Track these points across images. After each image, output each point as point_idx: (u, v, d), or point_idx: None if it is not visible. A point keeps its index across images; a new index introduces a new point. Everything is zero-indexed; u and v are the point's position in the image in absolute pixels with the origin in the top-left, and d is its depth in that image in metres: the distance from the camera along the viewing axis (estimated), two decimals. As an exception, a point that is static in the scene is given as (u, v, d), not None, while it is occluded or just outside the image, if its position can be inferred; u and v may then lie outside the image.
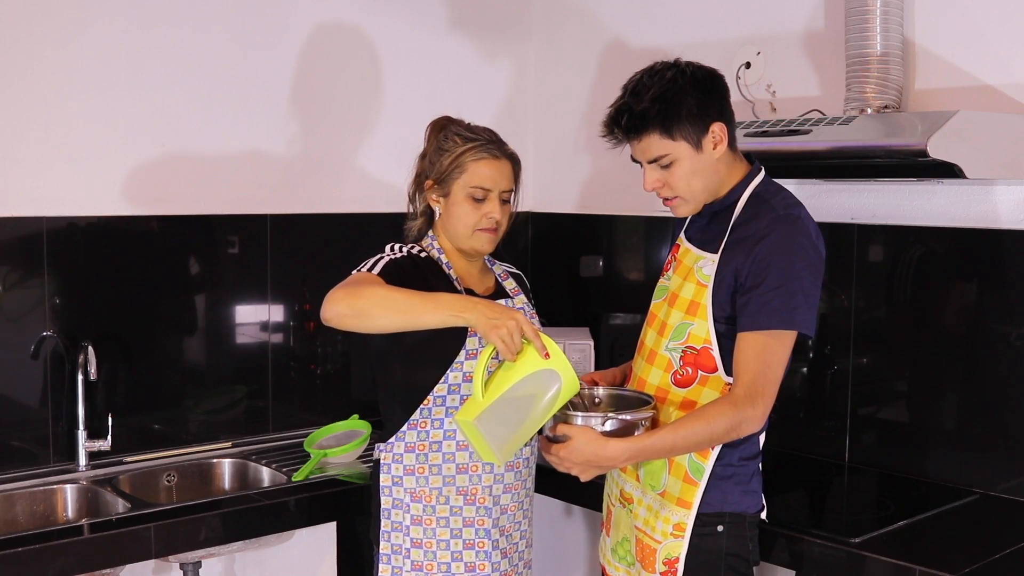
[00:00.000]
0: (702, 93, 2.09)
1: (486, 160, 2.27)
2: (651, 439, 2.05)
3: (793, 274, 2.03)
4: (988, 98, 2.55)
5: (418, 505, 2.26)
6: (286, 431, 3.14)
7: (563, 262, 3.61)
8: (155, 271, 2.95)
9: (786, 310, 2.03)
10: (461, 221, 2.29)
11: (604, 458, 2.05)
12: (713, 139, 2.11)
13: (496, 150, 2.29)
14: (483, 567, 2.27)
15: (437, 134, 2.34)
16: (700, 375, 2.12)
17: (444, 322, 2.09)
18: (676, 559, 2.12)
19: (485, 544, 2.27)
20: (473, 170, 2.26)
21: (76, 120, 2.78)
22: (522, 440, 2.11)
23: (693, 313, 2.13)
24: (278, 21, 3.09)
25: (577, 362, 3.24)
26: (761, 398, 2.03)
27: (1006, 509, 2.51)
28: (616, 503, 2.29)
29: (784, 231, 2.06)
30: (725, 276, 2.10)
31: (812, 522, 2.39)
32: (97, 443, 2.78)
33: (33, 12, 2.69)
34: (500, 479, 2.29)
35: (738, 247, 2.09)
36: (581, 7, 3.51)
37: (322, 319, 2.18)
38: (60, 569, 2.26)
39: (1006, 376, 2.56)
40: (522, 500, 2.35)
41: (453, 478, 2.26)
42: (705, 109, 2.09)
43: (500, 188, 2.29)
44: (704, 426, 2.03)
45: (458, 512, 2.26)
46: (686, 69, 2.11)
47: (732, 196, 2.16)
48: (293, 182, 3.15)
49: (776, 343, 2.04)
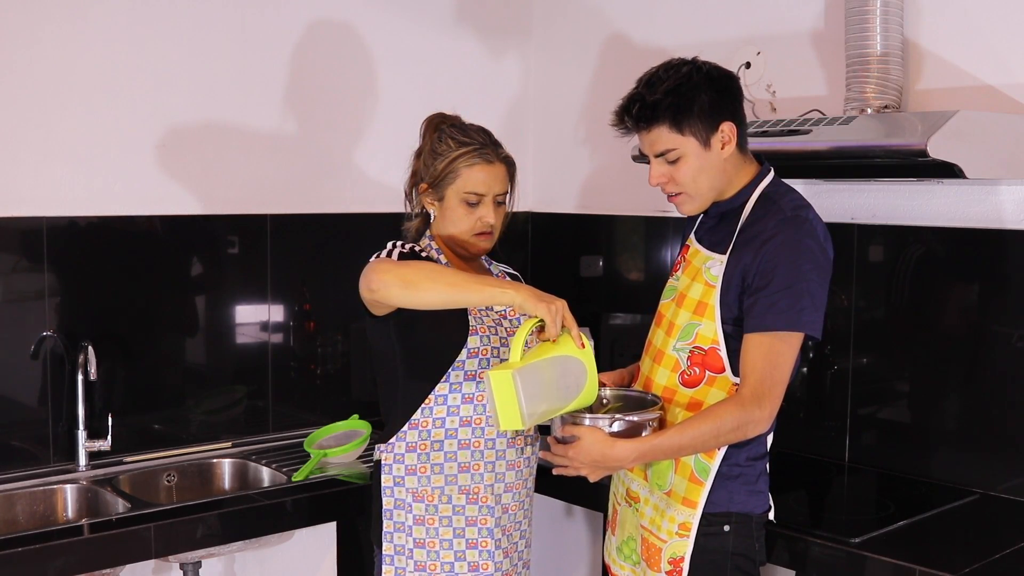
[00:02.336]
0: (716, 91, 2.09)
1: (480, 166, 2.26)
2: (658, 439, 2.05)
3: (800, 275, 2.03)
4: (988, 98, 2.54)
5: (420, 505, 2.26)
6: (286, 431, 3.14)
7: (563, 262, 3.61)
8: (155, 271, 2.95)
9: (792, 312, 2.03)
10: (456, 225, 2.29)
11: (612, 458, 2.05)
12: (722, 138, 2.10)
13: (491, 155, 2.28)
14: (486, 566, 2.27)
15: (432, 133, 2.34)
16: (708, 375, 2.12)
17: (490, 299, 2.09)
18: (681, 558, 2.12)
19: (488, 543, 2.27)
20: (467, 176, 2.26)
21: (76, 120, 2.78)
22: (547, 413, 2.07)
23: (701, 313, 2.13)
24: (278, 20, 3.09)
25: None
26: (767, 399, 2.03)
27: (1006, 509, 2.51)
28: (622, 502, 2.29)
29: (792, 232, 2.06)
30: (733, 277, 2.10)
31: (812, 522, 2.39)
32: (97, 443, 2.78)
33: (33, 12, 2.69)
34: (502, 478, 2.29)
35: (746, 248, 2.09)
36: (581, 7, 3.51)
37: (364, 290, 2.15)
38: (60, 569, 2.26)
39: (1006, 376, 2.56)
40: (523, 500, 2.35)
41: (455, 477, 2.25)
42: (717, 107, 2.09)
43: (494, 192, 2.28)
44: (711, 427, 2.04)
45: (460, 511, 2.26)
46: (703, 67, 2.11)
47: (741, 197, 2.16)
48: (293, 182, 3.15)
49: (783, 344, 2.04)
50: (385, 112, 3.31)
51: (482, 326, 2.27)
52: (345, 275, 2.24)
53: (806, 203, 2.14)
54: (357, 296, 2.27)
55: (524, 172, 3.66)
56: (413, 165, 2.38)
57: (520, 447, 2.31)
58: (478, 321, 2.27)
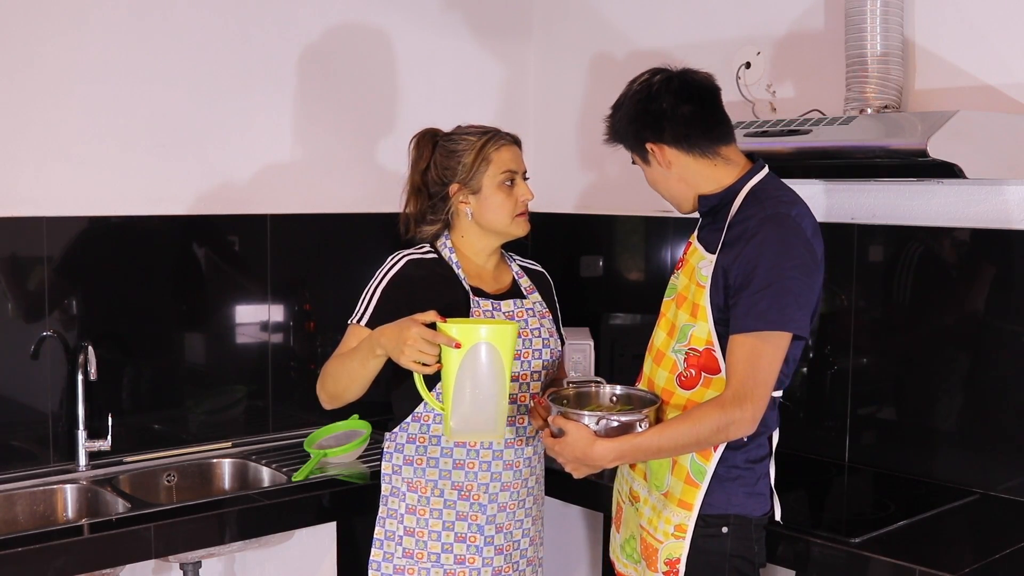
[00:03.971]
0: (635, 115, 2.16)
1: (507, 146, 2.33)
2: (637, 440, 2.05)
3: (781, 274, 2.01)
4: (988, 98, 2.54)
5: (414, 495, 2.29)
6: (286, 431, 3.14)
7: (563, 262, 3.61)
8: (155, 271, 2.95)
9: (774, 312, 2.01)
10: (500, 211, 2.31)
11: (591, 457, 2.06)
12: (655, 156, 2.16)
13: (508, 136, 2.35)
14: (473, 560, 2.29)
15: (428, 143, 2.35)
16: (704, 377, 2.12)
17: (380, 362, 2.17)
18: (677, 560, 2.12)
19: (477, 539, 2.28)
20: (498, 158, 2.30)
21: (76, 120, 2.78)
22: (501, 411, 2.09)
23: (694, 315, 2.13)
24: (279, 21, 3.09)
25: (577, 362, 3.24)
26: (749, 401, 2.01)
27: (1006, 509, 2.51)
28: (626, 500, 2.30)
29: (771, 231, 2.04)
30: (718, 277, 2.09)
31: (812, 522, 2.39)
32: (97, 443, 2.78)
33: (33, 12, 2.69)
34: (497, 477, 2.29)
35: (730, 248, 2.09)
36: (581, 7, 3.51)
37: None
38: (60, 569, 2.26)
39: (1006, 376, 2.56)
40: (523, 499, 2.35)
41: (449, 472, 2.27)
42: (638, 131, 2.16)
43: (522, 169, 2.35)
44: (689, 428, 2.03)
45: (452, 506, 2.28)
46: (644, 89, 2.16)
47: (728, 195, 2.15)
48: (293, 182, 3.15)
49: (765, 345, 2.02)
50: (386, 112, 3.31)
51: None
52: (345, 275, 2.25)
53: (794, 199, 2.12)
54: (357, 296, 2.28)
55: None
56: (412, 182, 2.37)
57: (519, 447, 2.32)
58: None
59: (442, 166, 2.32)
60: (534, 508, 2.40)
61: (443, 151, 2.32)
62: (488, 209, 2.31)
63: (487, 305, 2.31)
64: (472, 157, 2.29)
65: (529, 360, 2.32)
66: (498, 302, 2.33)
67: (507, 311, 2.33)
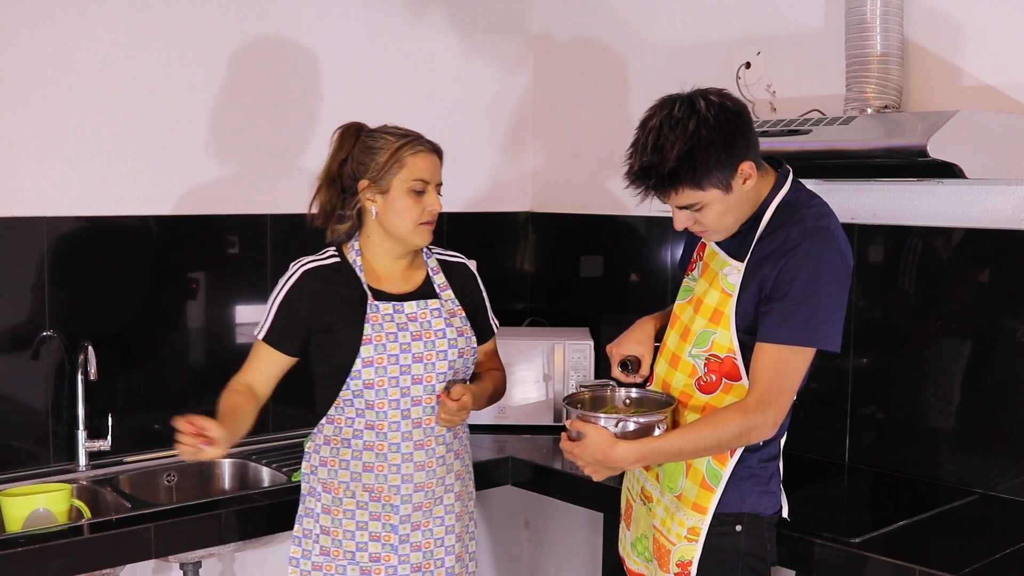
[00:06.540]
0: (727, 137, 2.00)
1: (424, 154, 2.30)
2: (659, 442, 2.06)
3: (818, 289, 2.01)
4: (988, 98, 2.54)
5: (328, 496, 2.33)
6: (286, 431, 3.14)
7: (563, 262, 3.61)
8: (155, 271, 2.95)
9: (807, 326, 2.01)
10: (404, 216, 2.29)
11: (612, 459, 2.06)
12: (742, 176, 2.05)
13: (429, 145, 2.32)
14: (388, 558, 2.31)
15: (351, 137, 2.34)
16: (724, 383, 2.12)
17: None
18: (689, 562, 2.13)
19: (392, 538, 2.31)
20: (412, 164, 2.28)
21: (76, 120, 2.78)
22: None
23: (716, 322, 2.13)
24: (277, 20, 3.09)
25: (576, 362, 3.24)
26: (772, 407, 2.02)
27: (1006, 509, 2.51)
28: (637, 499, 2.29)
29: (814, 244, 2.03)
30: (750, 287, 2.08)
31: (812, 522, 2.39)
32: (97, 443, 2.78)
33: (33, 13, 2.69)
34: (409, 479, 2.30)
35: (766, 258, 2.06)
36: (582, 7, 3.51)
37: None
38: (60, 569, 2.26)
39: (1006, 376, 2.56)
40: (440, 496, 2.35)
41: (360, 475, 2.30)
42: (732, 154, 2.02)
43: (436, 180, 2.32)
44: (712, 432, 2.03)
45: (364, 507, 2.30)
46: (707, 115, 1.99)
47: (760, 207, 2.12)
48: (293, 182, 3.15)
49: (794, 356, 2.03)
50: (386, 113, 3.28)
51: (378, 335, 2.27)
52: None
53: (828, 211, 2.11)
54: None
55: (524, 172, 3.67)
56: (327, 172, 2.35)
57: (430, 448, 2.32)
58: (374, 330, 2.27)
59: (358, 160, 2.31)
60: (457, 504, 2.39)
61: (362, 146, 2.31)
62: (393, 212, 2.29)
63: (387, 308, 2.30)
64: (386, 157, 2.27)
65: (433, 362, 2.30)
66: (401, 304, 2.32)
67: (410, 313, 2.32)
